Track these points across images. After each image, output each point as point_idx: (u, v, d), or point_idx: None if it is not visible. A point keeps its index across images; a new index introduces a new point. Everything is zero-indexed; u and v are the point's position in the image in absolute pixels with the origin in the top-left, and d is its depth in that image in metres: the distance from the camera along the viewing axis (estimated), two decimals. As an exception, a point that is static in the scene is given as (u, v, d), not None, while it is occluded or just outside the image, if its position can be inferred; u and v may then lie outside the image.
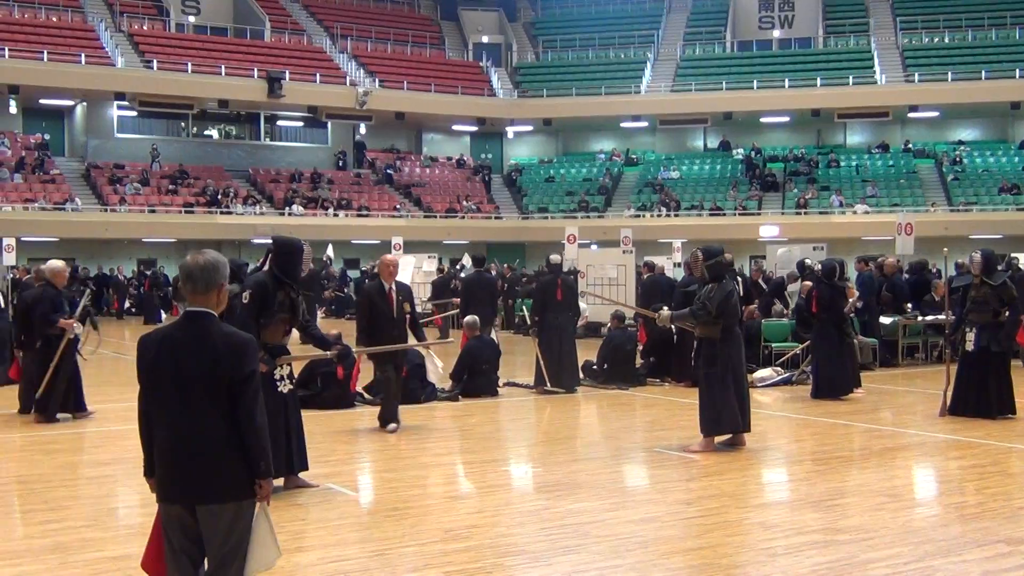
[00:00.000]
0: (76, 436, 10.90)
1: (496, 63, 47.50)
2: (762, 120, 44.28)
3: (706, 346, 9.67)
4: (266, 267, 8.25)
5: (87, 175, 38.68)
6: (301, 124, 44.51)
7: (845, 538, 6.37)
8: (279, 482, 8.37)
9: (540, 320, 14.06)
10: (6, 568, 5.93)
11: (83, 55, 37.39)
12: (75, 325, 11.72)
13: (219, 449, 4.19)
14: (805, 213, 38.27)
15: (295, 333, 8.50)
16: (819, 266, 14.42)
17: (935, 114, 42.49)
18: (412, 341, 11.04)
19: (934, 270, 23.44)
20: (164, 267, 36.17)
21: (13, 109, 38.57)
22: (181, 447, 4.23)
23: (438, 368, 14.27)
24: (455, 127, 46.42)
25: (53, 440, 10.65)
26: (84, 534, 6.86)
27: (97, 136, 40.99)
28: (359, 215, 39.47)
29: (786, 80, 42.23)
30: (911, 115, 42.20)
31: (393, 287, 10.76)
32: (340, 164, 44.65)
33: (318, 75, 41.21)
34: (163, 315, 31.50)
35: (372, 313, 10.69)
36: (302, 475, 8.12)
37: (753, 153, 43.34)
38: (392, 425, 10.73)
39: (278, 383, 7.93)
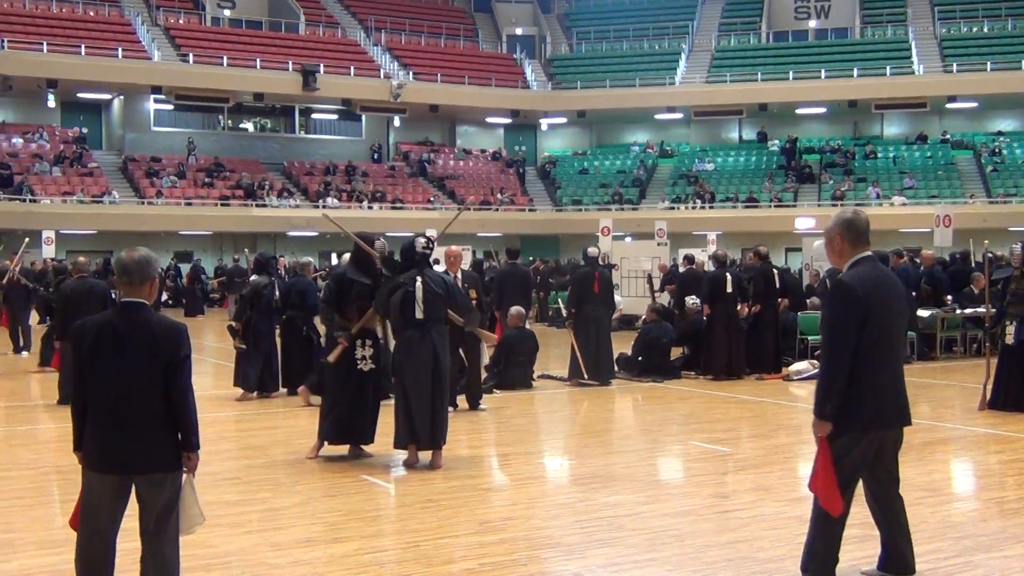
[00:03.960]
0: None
1: (530, 55, 47.42)
2: (798, 111, 43.90)
3: None
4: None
5: (124, 168, 39.00)
6: (335, 117, 44.64)
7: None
8: (343, 449, 8.85)
9: (576, 312, 14.04)
10: (47, 556, 6.00)
11: (120, 49, 37.66)
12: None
13: (155, 425, 4.63)
14: (841, 205, 37.84)
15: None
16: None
17: (974, 104, 41.91)
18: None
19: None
20: (200, 260, 36.48)
21: (51, 103, 38.91)
22: (121, 424, 4.63)
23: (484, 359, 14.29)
24: (489, 119, 46.39)
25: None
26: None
27: (134, 129, 41.31)
28: (393, 208, 39.55)
29: (822, 71, 41.84)
30: (949, 106, 41.66)
31: (459, 276, 11.48)
32: (374, 157, 44.76)
33: (352, 68, 41.31)
34: (205, 309, 31.78)
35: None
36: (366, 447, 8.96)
37: (788, 145, 43.00)
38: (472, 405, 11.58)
39: (359, 362, 8.71)
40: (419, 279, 8.53)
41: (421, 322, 8.48)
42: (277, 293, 12.85)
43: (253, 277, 13.30)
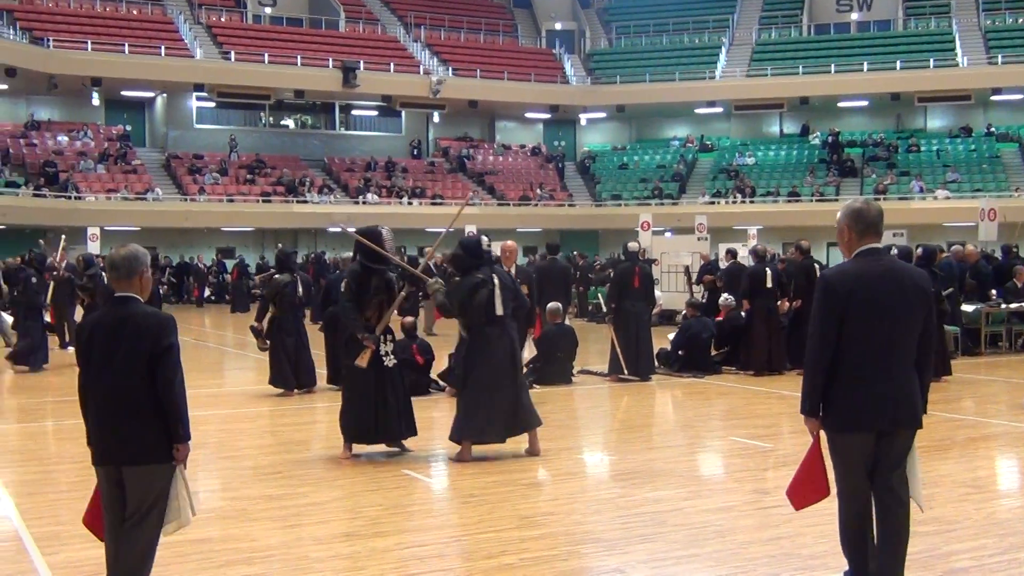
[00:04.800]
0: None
1: (569, 50, 47.36)
2: (840, 104, 43.52)
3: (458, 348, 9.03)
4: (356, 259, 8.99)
5: (167, 165, 39.41)
6: (375, 113, 44.84)
7: (927, 529, 6.24)
8: (378, 448, 8.86)
9: (617, 308, 14.01)
10: (90, 550, 6.06)
11: (163, 47, 38.06)
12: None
13: (141, 416, 4.67)
14: (884, 199, 37.43)
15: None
16: (920, 251, 14.18)
17: (1019, 96, 41.34)
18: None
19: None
20: (243, 256, 36.81)
21: (96, 101, 39.36)
22: (109, 415, 4.71)
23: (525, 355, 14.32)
24: (528, 115, 46.38)
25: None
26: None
27: (177, 127, 41.73)
28: (433, 203, 39.67)
29: (865, 63, 41.45)
30: (994, 98, 41.16)
31: (512, 271, 11.60)
32: (414, 153, 44.88)
33: (392, 64, 41.46)
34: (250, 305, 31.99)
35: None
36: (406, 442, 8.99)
37: (830, 138, 42.62)
38: None
39: (383, 358, 8.64)
40: (495, 276, 8.67)
41: (501, 318, 8.64)
42: (300, 289, 12.84)
43: (275, 275, 13.30)
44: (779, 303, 14.63)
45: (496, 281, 8.67)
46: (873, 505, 4.88)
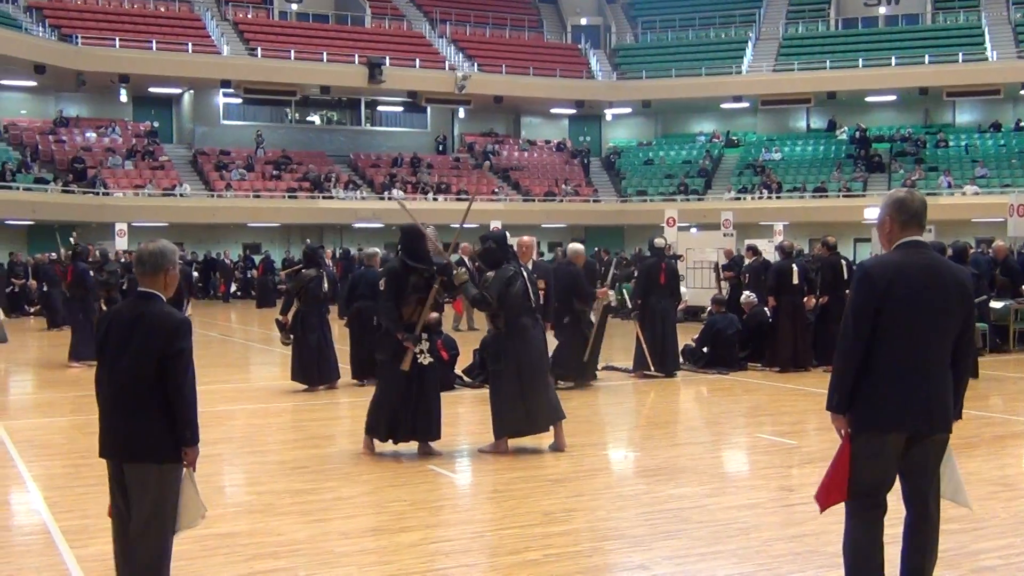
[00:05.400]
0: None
1: (595, 45, 47.27)
2: (867, 99, 43.25)
3: (492, 341, 9.04)
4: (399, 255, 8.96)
5: (194, 161, 39.64)
6: (401, 109, 44.93)
7: (955, 527, 6.20)
8: (411, 446, 8.82)
9: (642, 304, 13.98)
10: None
11: (190, 44, 38.29)
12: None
13: (146, 414, 4.61)
14: (912, 194, 37.19)
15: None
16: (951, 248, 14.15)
17: (1049, 91, 41.02)
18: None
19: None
20: (269, 252, 37.01)
21: (124, 98, 39.68)
22: (115, 409, 4.69)
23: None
24: (553, 110, 46.34)
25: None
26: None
27: (204, 123, 41.96)
28: (458, 199, 39.70)
29: (893, 58, 41.16)
30: (1024, 92, 40.85)
31: (529, 267, 11.28)
32: (439, 148, 44.94)
33: (417, 60, 41.52)
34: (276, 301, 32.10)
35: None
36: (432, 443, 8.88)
37: (858, 133, 42.35)
38: None
39: (418, 356, 8.59)
40: (522, 270, 8.87)
41: (535, 309, 8.87)
42: (326, 285, 12.86)
43: (302, 270, 13.34)
44: (805, 299, 14.57)
45: (524, 274, 8.86)
46: (905, 519, 4.65)
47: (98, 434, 4.81)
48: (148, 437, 4.61)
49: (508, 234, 9.25)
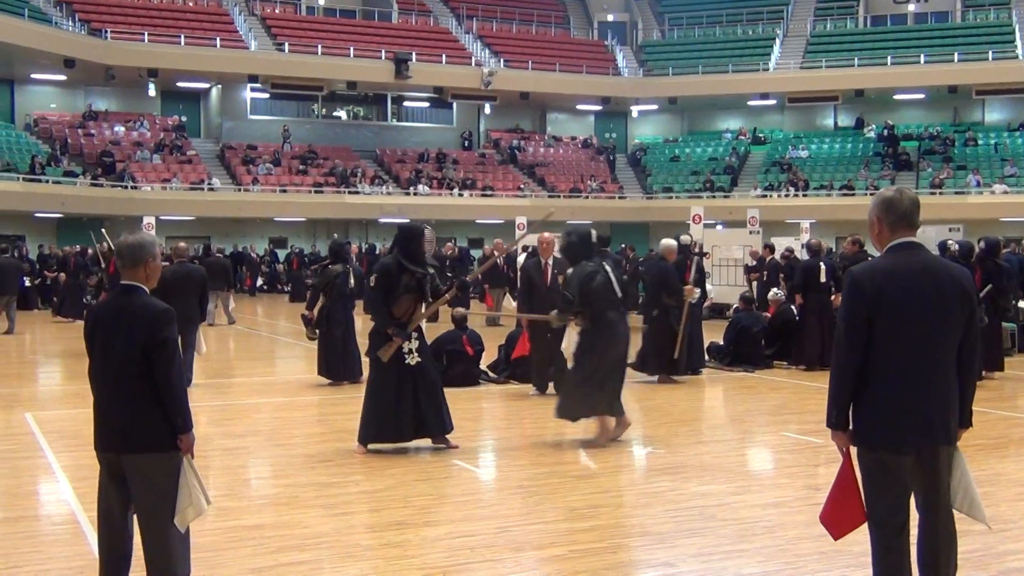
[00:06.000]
0: (211, 409, 11.27)
1: (621, 41, 47.17)
2: (895, 97, 42.98)
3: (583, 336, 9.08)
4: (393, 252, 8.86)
5: (222, 156, 39.85)
6: (427, 105, 44.98)
7: (982, 528, 6.13)
8: (423, 443, 8.80)
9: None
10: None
11: (218, 39, 38.46)
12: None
13: (139, 405, 4.66)
14: (940, 193, 36.97)
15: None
16: (957, 247, 14.00)
17: (1081, 89, 40.60)
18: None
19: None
20: (301, 248, 37.21)
21: (152, 92, 39.92)
22: (109, 402, 4.75)
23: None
24: (579, 106, 46.28)
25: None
26: (220, 503, 7.09)
27: (231, 118, 42.16)
28: (483, 195, 39.73)
29: (922, 56, 40.88)
30: (1055, 90, 40.43)
31: (549, 262, 11.93)
32: (465, 144, 44.97)
33: (444, 56, 41.56)
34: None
35: (530, 286, 12.00)
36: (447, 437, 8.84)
37: (886, 131, 42.08)
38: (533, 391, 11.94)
39: (405, 356, 8.49)
40: (605, 264, 9.02)
41: (620, 302, 9.01)
42: (352, 280, 12.86)
43: (328, 265, 13.37)
44: (832, 297, 14.50)
45: (607, 268, 8.98)
46: (918, 533, 4.42)
47: (93, 428, 4.83)
48: (145, 427, 4.65)
49: (594, 231, 9.45)
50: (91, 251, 23.71)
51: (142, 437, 4.65)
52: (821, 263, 14.51)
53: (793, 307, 14.74)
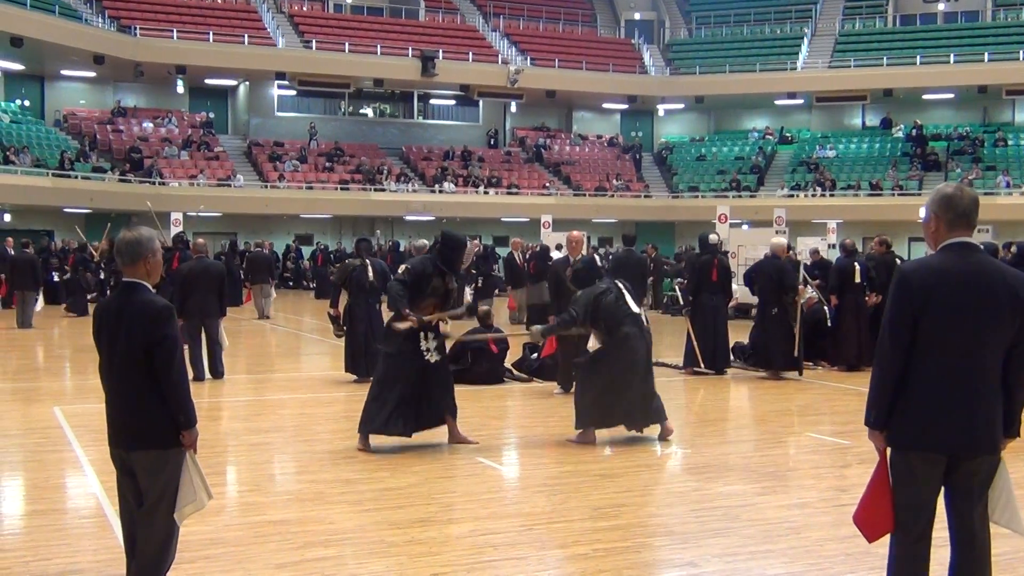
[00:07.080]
0: (238, 404, 11.33)
1: (648, 40, 47.04)
2: (924, 97, 42.64)
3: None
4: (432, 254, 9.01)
5: (248, 152, 40.02)
6: (453, 103, 45.00)
7: (1009, 531, 6.11)
8: (432, 434, 8.85)
9: (694, 300, 13.93)
10: (198, 525, 6.19)
11: (246, 36, 38.61)
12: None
13: (144, 402, 4.72)
14: (969, 194, 36.56)
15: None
16: (1016, 249, 13.93)
17: (1113, 90, 40.16)
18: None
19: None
20: (327, 244, 37.32)
21: (180, 89, 40.11)
22: (113, 399, 4.85)
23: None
24: (605, 105, 46.17)
25: (216, 407, 11.11)
26: (246, 498, 7.15)
27: (258, 114, 42.33)
28: (509, 193, 39.73)
29: (951, 55, 40.54)
30: (1086, 91, 40.01)
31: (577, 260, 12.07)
32: (491, 142, 44.98)
33: (471, 54, 41.56)
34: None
35: (558, 283, 12.14)
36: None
37: (914, 131, 41.77)
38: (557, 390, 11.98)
39: (425, 353, 8.60)
40: (618, 283, 9.17)
41: (637, 316, 9.12)
42: (371, 275, 12.63)
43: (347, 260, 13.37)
44: (867, 297, 14.44)
45: (620, 286, 9.11)
46: (949, 544, 4.30)
47: (106, 425, 4.90)
48: (152, 424, 4.72)
49: (598, 257, 9.60)
50: (89, 248, 24.06)
51: (146, 434, 4.73)
52: (856, 263, 14.44)
53: (826, 308, 14.66)
